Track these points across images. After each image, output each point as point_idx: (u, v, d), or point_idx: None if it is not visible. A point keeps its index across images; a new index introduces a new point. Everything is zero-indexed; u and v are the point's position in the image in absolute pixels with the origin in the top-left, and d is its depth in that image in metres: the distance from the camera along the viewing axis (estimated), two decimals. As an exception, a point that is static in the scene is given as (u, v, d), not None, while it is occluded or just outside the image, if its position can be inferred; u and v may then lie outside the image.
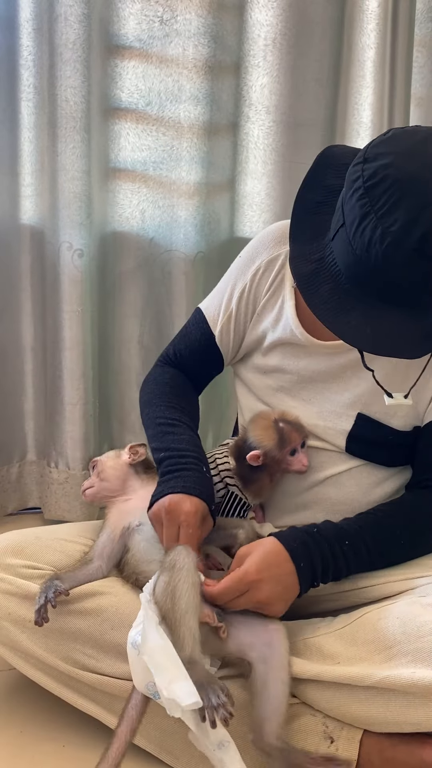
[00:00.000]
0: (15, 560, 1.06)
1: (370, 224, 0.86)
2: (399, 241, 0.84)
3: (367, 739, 0.97)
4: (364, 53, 1.66)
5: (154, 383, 1.23)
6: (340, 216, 0.91)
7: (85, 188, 1.60)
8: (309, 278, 0.93)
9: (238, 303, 1.19)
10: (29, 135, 1.61)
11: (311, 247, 0.95)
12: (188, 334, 1.25)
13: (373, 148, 0.89)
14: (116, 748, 0.90)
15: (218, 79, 1.65)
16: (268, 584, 0.96)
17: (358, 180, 0.87)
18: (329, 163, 0.98)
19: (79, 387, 1.67)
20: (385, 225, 0.85)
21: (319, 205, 0.97)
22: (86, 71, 1.56)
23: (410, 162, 0.86)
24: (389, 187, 0.85)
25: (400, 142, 0.88)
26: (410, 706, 0.92)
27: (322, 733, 0.98)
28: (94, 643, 1.02)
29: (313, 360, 1.13)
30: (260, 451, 1.08)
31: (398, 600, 1.01)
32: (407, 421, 1.11)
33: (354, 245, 0.88)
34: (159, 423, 1.14)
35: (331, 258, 0.93)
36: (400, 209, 0.84)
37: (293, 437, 1.09)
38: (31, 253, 1.68)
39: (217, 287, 1.24)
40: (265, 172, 1.71)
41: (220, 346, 1.21)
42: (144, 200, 1.70)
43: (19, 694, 1.13)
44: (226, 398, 1.82)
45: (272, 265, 1.16)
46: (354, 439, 1.12)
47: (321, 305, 0.92)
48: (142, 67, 1.63)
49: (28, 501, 1.81)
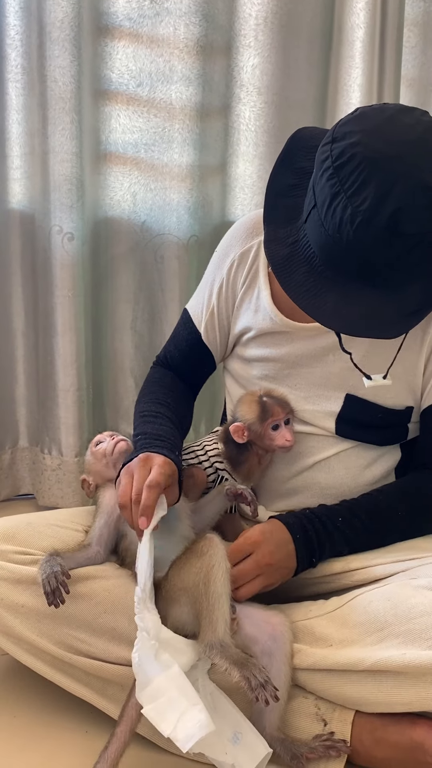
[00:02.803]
0: (7, 546, 1.05)
1: (340, 204, 0.85)
2: (369, 220, 0.84)
3: (359, 720, 0.98)
4: (353, 33, 1.63)
5: (146, 383, 1.26)
6: (311, 197, 0.90)
7: (75, 171, 1.59)
8: (284, 262, 0.93)
9: (218, 298, 1.19)
10: (17, 117, 1.59)
11: (285, 231, 0.95)
12: (177, 335, 1.26)
13: (341, 127, 0.88)
14: (115, 748, 0.90)
15: (210, 59, 1.63)
16: (269, 545, 1.01)
17: (327, 160, 0.87)
18: (300, 146, 0.98)
19: (72, 373, 1.66)
20: (355, 204, 0.84)
21: (291, 188, 0.96)
22: (75, 51, 1.53)
23: (377, 139, 0.85)
24: (357, 165, 0.84)
25: (367, 119, 0.87)
26: (401, 686, 0.93)
27: (314, 714, 0.99)
28: (87, 627, 1.02)
29: (295, 345, 1.13)
30: (242, 423, 1.09)
31: (389, 582, 1.02)
32: (398, 400, 1.11)
33: (326, 226, 0.87)
34: (142, 415, 1.15)
35: (305, 240, 0.92)
36: (369, 187, 0.84)
37: (275, 411, 1.09)
38: (21, 238, 1.66)
39: (199, 285, 1.25)
40: (257, 154, 1.69)
41: (208, 344, 1.22)
42: (135, 183, 1.68)
43: (11, 679, 1.13)
44: (218, 386, 1.82)
45: (245, 258, 1.16)
46: (343, 420, 1.13)
47: (296, 288, 0.92)
48: (133, 47, 1.61)
49: (21, 488, 1.80)
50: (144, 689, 0.88)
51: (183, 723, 0.84)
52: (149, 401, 1.18)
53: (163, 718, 0.86)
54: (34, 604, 1.01)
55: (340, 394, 1.12)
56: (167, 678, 0.87)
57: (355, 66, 1.64)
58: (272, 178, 0.98)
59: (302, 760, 0.93)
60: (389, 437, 1.15)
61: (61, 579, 0.98)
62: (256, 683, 0.85)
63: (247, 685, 0.85)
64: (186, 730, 0.84)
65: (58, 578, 0.98)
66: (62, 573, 0.98)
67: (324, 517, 1.06)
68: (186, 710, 0.85)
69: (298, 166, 0.96)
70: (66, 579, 0.98)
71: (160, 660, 0.89)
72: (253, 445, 1.11)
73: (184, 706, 0.85)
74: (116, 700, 1.00)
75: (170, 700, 0.86)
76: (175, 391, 1.23)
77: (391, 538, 1.09)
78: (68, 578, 0.99)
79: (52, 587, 0.97)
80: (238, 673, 0.86)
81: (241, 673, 0.86)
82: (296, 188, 0.96)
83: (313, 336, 1.12)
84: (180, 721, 0.84)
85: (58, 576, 0.98)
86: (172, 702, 0.86)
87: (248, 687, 0.85)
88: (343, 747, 0.94)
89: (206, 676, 0.94)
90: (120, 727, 0.92)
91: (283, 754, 0.94)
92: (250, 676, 0.85)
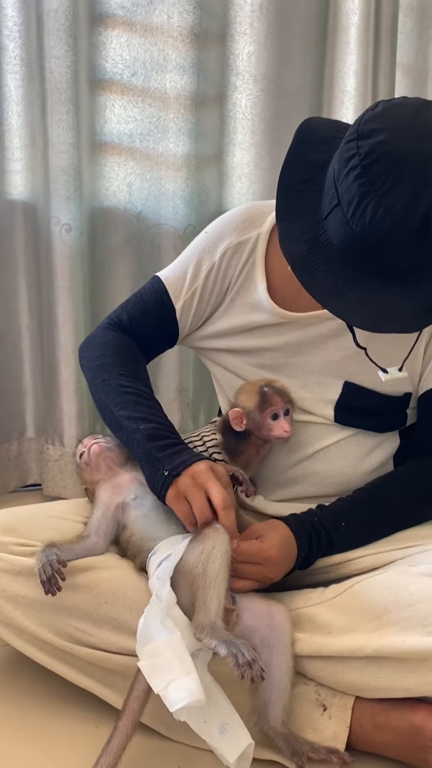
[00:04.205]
0: (7, 538, 1.06)
1: (371, 204, 0.85)
2: (402, 221, 0.84)
3: (359, 705, 0.98)
4: (348, 18, 1.62)
5: (105, 347, 1.17)
6: (333, 195, 0.90)
7: (72, 162, 1.58)
8: (303, 260, 0.92)
9: (205, 280, 1.17)
10: (17, 109, 1.59)
11: (300, 227, 0.94)
12: (144, 302, 1.20)
13: (366, 123, 0.87)
14: (118, 741, 0.91)
15: (204, 47, 1.62)
16: (281, 567, 1.01)
17: (354, 158, 0.86)
18: (309, 138, 0.96)
19: (72, 364, 1.67)
20: (387, 204, 0.84)
21: (303, 183, 0.95)
22: (71, 41, 1.53)
23: (405, 137, 0.85)
24: (388, 165, 0.84)
25: (391, 116, 0.87)
26: (401, 672, 0.94)
27: (315, 701, 1.00)
28: (88, 617, 1.02)
29: (293, 334, 1.13)
30: (241, 410, 1.09)
31: (389, 570, 1.03)
32: (396, 387, 1.12)
33: (353, 225, 0.87)
34: (128, 392, 1.09)
35: (325, 237, 0.91)
36: (401, 188, 0.84)
37: (274, 400, 1.09)
38: (24, 230, 1.66)
39: (179, 259, 1.21)
40: (253, 143, 1.68)
41: (179, 321, 1.18)
42: (131, 173, 1.68)
43: (14, 670, 1.14)
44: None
45: (242, 249, 1.15)
46: (342, 407, 1.13)
47: (319, 288, 0.91)
48: (126, 36, 1.60)
49: (28, 478, 1.81)
50: (144, 646, 0.90)
51: (175, 685, 0.86)
52: (127, 374, 1.12)
53: (155, 675, 0.87)
54: (35, 595, 1.02)
55: (339, 382, 1.12)
56: (168, 642, 0.88)
57: (350, 52, 1.63)
58: (283, 173, 0.96)
59: (303, 758, 0.93)
60: (388, 424, 1.15)
61: (56, 567, 0.98)
62: (243, 660, 0.85)
63: (234, 662, 0.85)
64: (176, 693, 0.85)
65: (53, 566, 0.98)
66: (58, 561, 0.99)
67: (328, 524, 1.06)
68: (179, 676, 0.86)
69: (309, 159, 0.95)
70: (62, 568, 0.99)
71: (166, 625, 0.90)
72: (251, 435, 1.11)
73: (177, 672, 0.86)
74: (118, 690, 1.01)
75: (167, 661, 0.87)
76: (143, 362, 1.19)
77: (390, 531, 1.09)
78: (64, 567, 0.99)
79: (47, 575, 0.98)
80: (225, 649, 0.86)
81: (228, 649, 0.86)
82: (308, 183, 0.95)
83: (312, 324, 1.11)
84: (172, 683, 0.86)
85: (54, 564, 0.98)
86: (168, 664, 0.87)
87: (235, 664, 0.85)
88: (346, 757, 0.94)
89: (205, 668, 0.95)
90: (122, 720, 0.92)
91: (284, 749, 0.95)
92: (238, 653, 0.85)
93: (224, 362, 1.20)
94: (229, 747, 0.91)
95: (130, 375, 1.12)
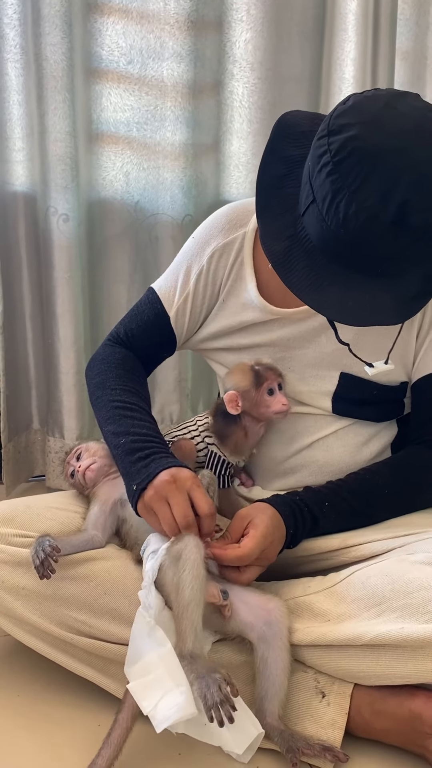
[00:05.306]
0: (6, 529, 1.06)
1: (343, 200, 0.85)
2: (375, 216, 0.84)
3: (358, 693, 0.99)
4: (345, 5, 1.60)
5: (103, 363, 1.19)
6: (308, 192, 0.89)
7: (69, 151, 1.57)
8: (283, 256, 0.92)
9: (196, 284, 1.17)
10: (18, 98, 1.57)
11: (280, 224, 0.94)
12: (141, 314, 1.22)
13: (336, 119, 0.87)
14: (118, 734, 0.91)
15: (201, 35, 1.61)
16: (277, 545, 1.02)
17: (325, 155, 0.85)
18: (286, 133, 0.96)
19: (71, 356, 1.67)
20: (360, 200, 0.84)
21: (282, 179, 0.95)
22: (66, 28, 1.51)
23: (376, 132, 0.84)
24: (359, 160, 0.83)
25: (362, 110, 0.86)
26: (399, 659, 0.94)
27: (313, 688, 1.00)
28: (87, 608, 1.03)
29: (286, 329, 1.14)
30: (236, 391, 1.09)
31: (387, 558, 1.03)
32: (392, 377, 1.12)
33: (328, 221, 0.87)
34: (116, 406, 1.10)
35: (304, 233, 0.91)
36: (373, 183, 0.83)
37: (269, 375, 1.10)
38: (25, 221, 1.65)
39: (170, 268, 1.22)
40: (251, 131, 1.67)
41: (175, 328, 1.19)
42: (128, 163, 1.67)
43: (14, 659, 1.15)
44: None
45: (228, 250, 1.15)
46: (339, 398, 1.13)
47: (298, 284, 0.91)
48: (122, 23, 1.59)
49: (35, 469, 1.82)
50: (133, 665, 0.90)
51: (163, 703, 0.85)
52: (119, 389, 1.13)
53: (145, 696, 0.87)
54: (35, 586, 1.02)
55: (335, 373, 1.13)
56: (158, 656, 0.88)
57: (348, 39, 1.61)
58: (261, 169, 0.96)
59: (297, 754, 0.93)
60: (385, 413, 1.15)
61: (48, 551, 0.98)
62: (212, 702, 0.83)
63: (204, 704, 0.84)
64: (164, 711, 0.84)
65: (45, 550, 0.98)
66: (50, 546, 0.99)
67: (311, 502, 1.07)
68: (169, 691, 0.85)
69: (286, 154, 0.95)
70: (55, 552, 0.99)
71: (155, 637, 0.90)
72: (242, 418, 1.11)
73: (168, 686, 0.86)
74: (118, 679, 1.01)
75: (157, 678, 0.87)
76: (141, 376, 1.20)
77: (380, 515, 1.09)
78: (57, 551, 0.99)
79: (40, 559, 0.98)
80: (197, 687, 0.85)
81: (199, 688, 0.84)
82: (287, 178, 0.94)
83: (304, 318, 1.12)
84: (161, 701, 0.85)
85: (45, 548, 0.98)
86: (158, 680, 0.87)
87: (204, 705, 0.84)
88: (341, 755, 0.94)
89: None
90: (122, 713, 0.92)
91: (280, 745, 0.95)
92: (208, 693, 0.84)
93: (224, 360, 1.21)
94: (235, 739, 0.90)
95: (121, 388, 1.13)
